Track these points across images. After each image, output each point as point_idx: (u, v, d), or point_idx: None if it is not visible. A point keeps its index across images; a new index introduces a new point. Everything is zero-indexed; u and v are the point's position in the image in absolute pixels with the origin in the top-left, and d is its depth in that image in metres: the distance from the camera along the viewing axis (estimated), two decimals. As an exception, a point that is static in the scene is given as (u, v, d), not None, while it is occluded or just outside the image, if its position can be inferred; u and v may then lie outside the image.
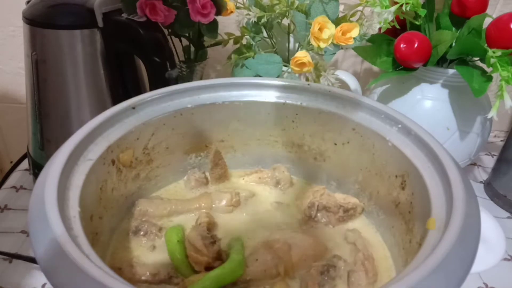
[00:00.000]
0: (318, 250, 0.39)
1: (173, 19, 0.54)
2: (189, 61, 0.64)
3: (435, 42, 0.51)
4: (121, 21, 0.52)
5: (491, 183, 0.61)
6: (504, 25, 0.46)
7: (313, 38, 0.51)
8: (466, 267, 0.25)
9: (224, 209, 0.43)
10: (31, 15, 0.52)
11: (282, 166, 0.48)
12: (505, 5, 0.68)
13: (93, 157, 0.35)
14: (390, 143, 0.38)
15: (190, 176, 0.47)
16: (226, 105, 0.45)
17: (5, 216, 0.55)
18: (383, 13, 0.50)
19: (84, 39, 0.52)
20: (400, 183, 0.37)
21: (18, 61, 0.78)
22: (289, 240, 0.38)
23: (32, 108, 0.56)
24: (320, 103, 0.44)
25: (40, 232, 0.26)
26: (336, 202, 0.43)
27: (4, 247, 0.49)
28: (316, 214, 0.43)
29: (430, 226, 0.29)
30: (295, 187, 0.48)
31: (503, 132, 0.80)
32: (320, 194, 0.43)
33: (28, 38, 0.53)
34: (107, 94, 0.56)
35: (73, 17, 0.51)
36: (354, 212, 0.43)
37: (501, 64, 0.45)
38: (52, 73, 0.53)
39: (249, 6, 0.56)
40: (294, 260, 0.37)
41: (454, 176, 0.31)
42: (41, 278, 0.46)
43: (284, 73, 0.57)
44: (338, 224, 0.43)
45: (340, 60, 0.76)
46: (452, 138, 0.54)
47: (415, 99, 0.55)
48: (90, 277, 0.23)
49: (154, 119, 0.42)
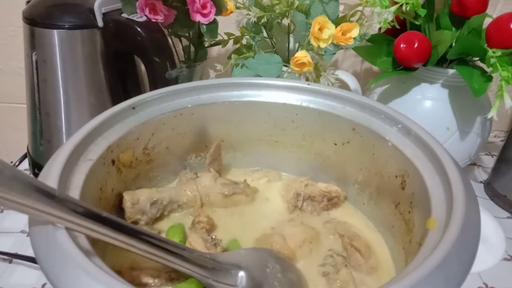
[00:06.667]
0: (309, 233, 0.40)
1: (173, 19, 0.54)
2: (189, 61, 0.64)
3: (435, 42, 0.51)
4: (121, 21, 0.52)
5: (491, 183, 0.61)
6: (504, 25, 0.46)
7: (313, 38, 0.51)
8: (466, 267, 0.25)
9: (210, 186, 0.44)
10: (31, 15, 0.52)
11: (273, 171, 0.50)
12: (505, 5, 0.68)
13: (93, 157, 0.35)
14: (390, 143, 0.38)
15: (182, 177, 0.46)
16: (226, 105, 0.45)
17: (5, 216, 0.55)
18: (383, 13, 0.50)
19: (84, 39, 0.52)
20: (400, 183, 0.37)
21: (18, 61, 0.78)
22: (282, 231, 0.40)
23: (32, 108, 0.56)
24: (320, 103, 0.44)
25: (40, 232, 0.26)
26: (320, 191, 0.44)
27: (4, 247, 0.49)
28: (302, 204, 0.44)
29: (430, 226, 0.29)
30: (282, 180, 0.49)
31: (503, 132, 0.80)
32: (304, 185, 0.45)
33: (28, 38, 0.53)
34: (107, 94, 0.56)
35: (73, 17, 0.51)
36: (337, 200, 0.45)
37: (501, 64, 0.45)
38: (52, 73, 0.53)
39: (249, 6, 0.56)
40: (292, 246, 0.38)
41: (454, 176, 0.31)
42: (41, 278, 0.46)
43: (284, 73, 0.57)
44: (323, 212, 0.44)
45: (340, 60, 0.76)
46: (452, 138, 0.54)
47: (415, 99, 0.55)
48: (90, 277, 0.23)
49: (154, 119, 0.42)
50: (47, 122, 0.55)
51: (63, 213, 0.25)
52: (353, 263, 0.37)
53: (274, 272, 0.33)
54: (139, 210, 0.40)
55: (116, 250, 0.38)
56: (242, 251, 0.37)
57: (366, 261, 0.37)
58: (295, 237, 0.39)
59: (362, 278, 0.36)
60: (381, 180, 0.40)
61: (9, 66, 0.79)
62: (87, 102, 0.55)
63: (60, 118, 0.54)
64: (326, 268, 0.37)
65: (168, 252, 0.29)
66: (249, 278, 0.32)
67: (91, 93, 0.55)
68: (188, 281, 0.33)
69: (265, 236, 0.40)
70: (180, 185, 0.45)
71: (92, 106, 0.55)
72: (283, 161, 0.49)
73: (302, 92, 0.45)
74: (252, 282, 0.31)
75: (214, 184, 0.44)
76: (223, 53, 0.74)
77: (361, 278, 0.36)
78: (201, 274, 0.30)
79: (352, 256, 0.38)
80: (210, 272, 0.30)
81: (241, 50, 0.59)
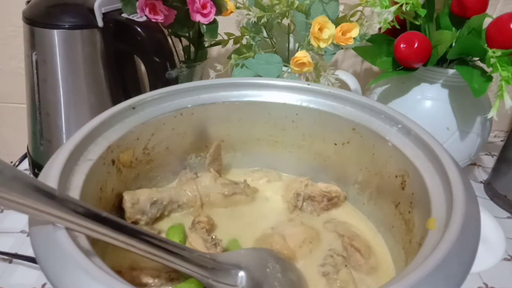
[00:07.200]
0: (309, 233, 0.41)
1: (173, 19, 0.54)
2: (189, 61, 0.64)
3: (435, 42, 0.51)
4: (121, 21, 0.52)
5: (491, 183, 0.61)
6: (504, 25, 0.46)
7: (313, 38, 0.51)
8: (466, 267, 0.25)
9: (210, 186, 0.44)
10: (31, 15, 0.52)
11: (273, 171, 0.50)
12: (505, 5, 0.68)
13: (93, 157, 0.35)
14: (390, 143, 0.38)
15: (182, 177, 0.46)
16: (226, 105, 0.45)
17: (5, 216, 0.55)
18: (383, 13, 0.50)
19: (84, 39, 0.52)
20: (400, 183, 0.37)
21: (18, 61, 0.78)
22: (282, 231, 0.40)
23: (32, 108, 0.56)
24: (320, 103, 0.44)
25: (40, 232, 0.26)
26: (320, 191, 0.44)
27: (4, 247, 0.49)
28: (302, 204, 0.44)
29: (430, 226, 0.29)
30: (282, 180, 0.49)
31: (503, 132, 0.80)
32: (304, 185, 0.45)
33: (28, 38, 0.53)
34: (107, 94, 0.56)
35: (73, 17, 0.51)
36: (337, 200, 0.45)
37: (501, 64, 0.45)
38: (52, 73, 0.53)
39: (249, 6, 0.56)
40: (292, 246, 0.38)
41: (454, 176, 0.31)
42: (41, 278, 0.46)
43: (284, 73, 0.57)
44: (323, 212, 0.44)
45: (340, 60, 0.76)
46: (452, 138, 0.54)
47: (415, 99, 0.55)
48: (90, 277, 0.23)
49: (154, 119, 0.42)
50: (47, 122, 0.55)
51: (63, 213, 0.25)
52: (353, 263, 0.37)
53: (274, 272, 0.33)
54: (139, 210, 0.40)
55: (116, 250, 0.38)
56: (242, 251, 0.37)
57: (366, 261, 0.37)
58: (295, 237, 0.39)
59: (362, 278, 0.36)
60: (381, 180, 0.40)
61: (9, 66, 0.79)
62: (87, 102, 0.55)
63: (60, 118, 0.54)
64: (326, 268, 0.37)
65: (168, 252, 0.29)
66: (249, 278, 0.32)
67: (91, 93, 0.55)
68: (188, 281, 0.33)
69: (265, 236, 0.40)
70: (180, 185, 0.45)
71: (92, 106, 0.55)
72: (283, 161, 0.49)
73: (302, 92, 0.45)
74: (252, 282, 0.31)
75: (214, 184, 0.44)
76: (223, 53, 0.74)
77: (361, 278, 0.36)
78: (201, 274, 0.30)
79: (352, 256, 0.38)
80: (210, 272, 0.30)
81: (241, 50, 0.59)
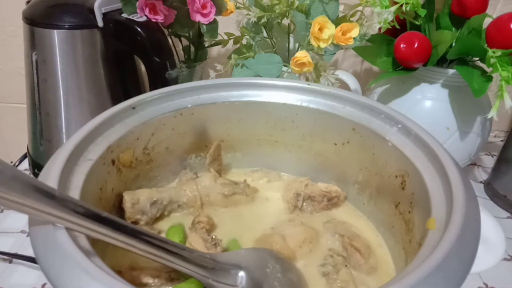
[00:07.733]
0: (309, 233, 0.41)
1: (173, 19, 0.54)
2: (189, 61, 0.64)
3: (435, 42, 0.51)
4: (121, 21, 0.52)
5: (491, 183, 0.61)
6: (504, 25, 0.46)
7: (313, 38, 0.51)
8: (466, 267, 0.25)
9: (210, 186, 0.44)
10: (31, 15, 0.52)
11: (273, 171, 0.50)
12: (505, 5, 0.68)
13: (93, 157, 0.35)
14: (390, 143, 0.38)
15: (182, 177, 0.46)
16: (226, 105, 0.45)
17: (5, 216, 0.55)
18: (383, 13, 0.50)
19: (84, 39, 0.52)
20: (400, 183, 0.37)
21: (18, 61, 0.78)
22: (282, 231, 0.40)
23: (32, 108, 0.56)
24: (320, 103, 0.44)
25: (40, 232, 0.26)
26: (320, 191, 0.44)
27: (4, 247, 0.49)
28: (302, 204, 0.44)
29: (430, 226, 0.29)
30: (282, 180, 0.49)
31: (503, 132, 0.80)
32: (304, 185, 0.45)
33: (28, 38, 0.53)
34: (107, 94, 0.56)
35: (73, 17, 0.51)
36: (337, 200, 0.45)
37: (501, 64, 0.45)
38: (52, 73, 0.53)
39: (249, 6, 0.56)
40: (292, 246, 0.38)
41: (454, 176, 0.31)
42: (41, 278, 0.46)
43: (284, 73, 0.57)
44: (323, 212, 0.44)
45: (340, 60, 0.76)
46: (452, 138, 0.54)
47: (415, 99, 0.55)
48: (90, 277, 0.23)
49: (154, 119, 0.42)
50: (47, 122, 0.55)
51: (63, 213, 0.25)
52: (353, 263, 0.37)
53: (274, 272, 0.33)
54: (139, 210, 0.40)
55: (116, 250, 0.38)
56: (242, 251, 0.37)
57: (366, 261, 0.37)
58: (295, 237, 0.39)
59: (362, 278, 0.36)
60: (381, 180, 0.40)
61: (9, 66, 0.79)
62: (87, 102, 0.55)
63: (60, 118, 0.54)
64: (326, 268, 0.37)
65: (168, 252, 0.29)
66: (249, 278, 0.32)
67: (91, 93, 0.55)
68: (188, 281, 0.33)
69: (265, 236, 0.40)
70: (180, 185, 0.45)
71: (92, 106, 0.55)
72: (283, 161, 0.49)
73: (302, 92, 0.45)
74: (252, 282, 0.32)
75: (214, 184, 0.44)
76: (223, 53, 0.74)
77: (361, 278, 0.36)
78: (201, 274, 0.30)
79: (352, 256, 0.38)
80: (210, 272, 0.30)
81: (241, 50, 0.59)
